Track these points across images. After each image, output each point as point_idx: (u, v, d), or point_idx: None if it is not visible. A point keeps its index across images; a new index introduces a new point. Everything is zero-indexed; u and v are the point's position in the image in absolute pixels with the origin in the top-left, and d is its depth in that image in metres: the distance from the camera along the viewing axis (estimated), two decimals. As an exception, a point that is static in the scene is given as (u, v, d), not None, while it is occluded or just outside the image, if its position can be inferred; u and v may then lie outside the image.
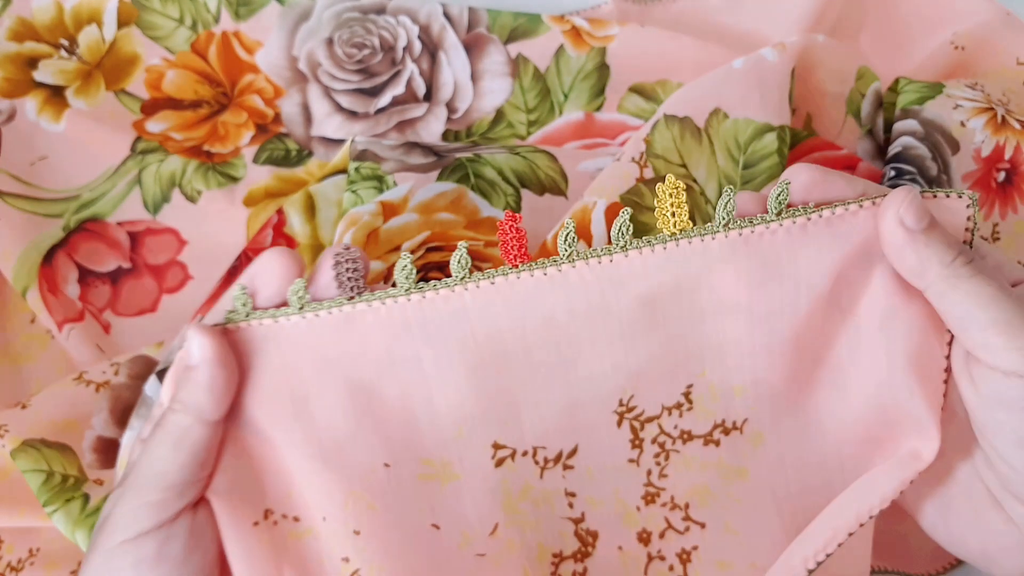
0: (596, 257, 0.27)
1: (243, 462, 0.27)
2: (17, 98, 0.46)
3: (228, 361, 0.26)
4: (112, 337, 0.44)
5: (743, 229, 0.27)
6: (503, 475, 0.29)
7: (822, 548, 0.27)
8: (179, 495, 0.26)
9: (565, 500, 0.30)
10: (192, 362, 0.26)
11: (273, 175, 0.47)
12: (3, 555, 0.38)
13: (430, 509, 0.29)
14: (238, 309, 0.27)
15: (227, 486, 0.27)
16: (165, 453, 0.26)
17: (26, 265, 0.43)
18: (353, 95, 0.47)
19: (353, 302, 0.27)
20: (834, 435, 0.29)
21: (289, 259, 0.27)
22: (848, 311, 0.28)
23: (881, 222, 0.27)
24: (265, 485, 0.28)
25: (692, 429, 0.30)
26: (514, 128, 0.47)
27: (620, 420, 0.29)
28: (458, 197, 0.40)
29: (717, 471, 0.30)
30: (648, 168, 0.39)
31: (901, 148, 0.40)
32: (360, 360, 0.27)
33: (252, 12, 0.48)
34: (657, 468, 0.30)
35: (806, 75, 0.43)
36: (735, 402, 0.29)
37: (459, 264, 0.27)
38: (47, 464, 0.36)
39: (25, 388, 0.43)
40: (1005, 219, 0.41)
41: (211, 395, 0.26)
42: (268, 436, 0.28)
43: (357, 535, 0.27)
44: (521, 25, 0.47)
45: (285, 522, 0.28)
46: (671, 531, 0.31)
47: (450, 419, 0.29)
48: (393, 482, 0.29)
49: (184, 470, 0.26)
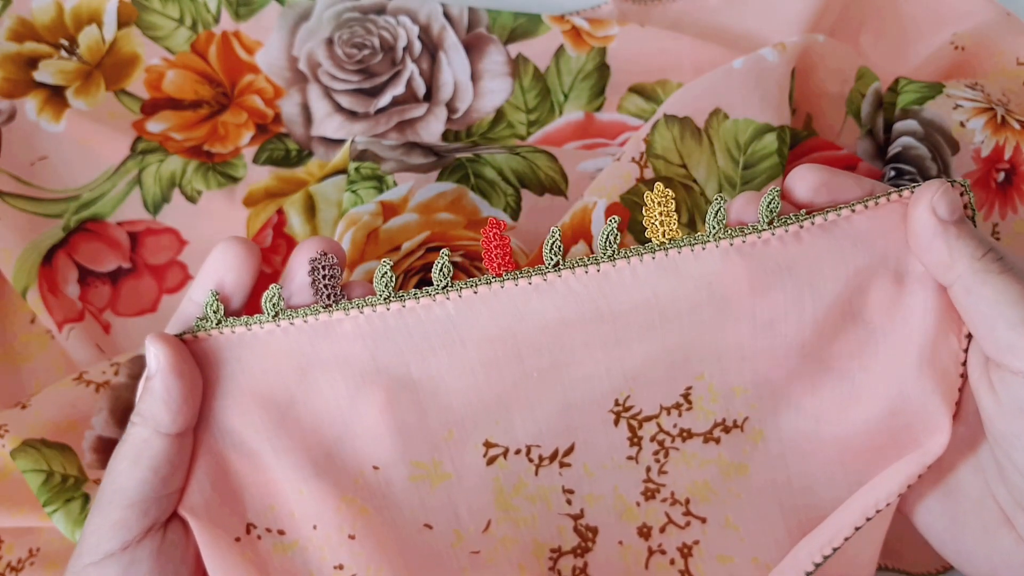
0: (583, 266, 0.26)
1: (219, 476, 0.27)
2: (17, 98, 0.46)
3: (186, 371, 0.25)
4: (112, 337, 0.44)
5: (734, 239, 0.27)
6: (495, 472, 0.29)
7: (827, 542, 0.27)
8: (142, 513, 0.24)
9: (563, 497, 0.30)
10: (149, 372, 0.25)
11: (273, 175, 0.47)
12: (3, 555, 0.38)
13: (422, 509, 0.29)
14: (208, 316, 0.26)
15: (203, 501, 0.26)
16: (124, 468, 0.25)
17: (26, 265, 0.43)
18: (353, 95, 0.47)
19: (330, 310, 0.26)
20: (839, 434, 0.29)
21: (241, 250, 0.26)
22: (858, 313, 0.28)
23: (912, 211, 0.26)
24: (245, 499, 0.27)
25: (692, 428, 0.30)
26: (514, 128, 0.47)
27: (617, 419, 0.29)
28: (458, 197, 0.40)
29: (717, 467, 0.30)
30: (648, 168, 0.39)
31: (901, 148, 0.40)
32: (343, 367, 0.27)
33: (252, 12, 0.48)
34: (656, 465, 0.30)
35: (806, 75, 0.43)
36: (735, 402, 0.29)
37: (440, 273, 0.26)
38: (47, 464, 0.36)
39: (25, 388, 0.42)
40: (1005, 219, 0.41)
41: (167, 407, 0.25)
42: (248, 447, 0.27)
43: (352, 539, 0.27)
44: (521, 25, 0.47)
45: (269, 536, 0.27)
46: (672, 526, 0.31)
47: (439, 422, 0.28)
48: (384, 485, 0.28)
49: (144, 486, 0.24)
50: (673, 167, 0.39)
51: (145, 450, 0.25)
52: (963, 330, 0.27)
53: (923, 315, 0.27)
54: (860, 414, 0.29)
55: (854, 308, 0.28)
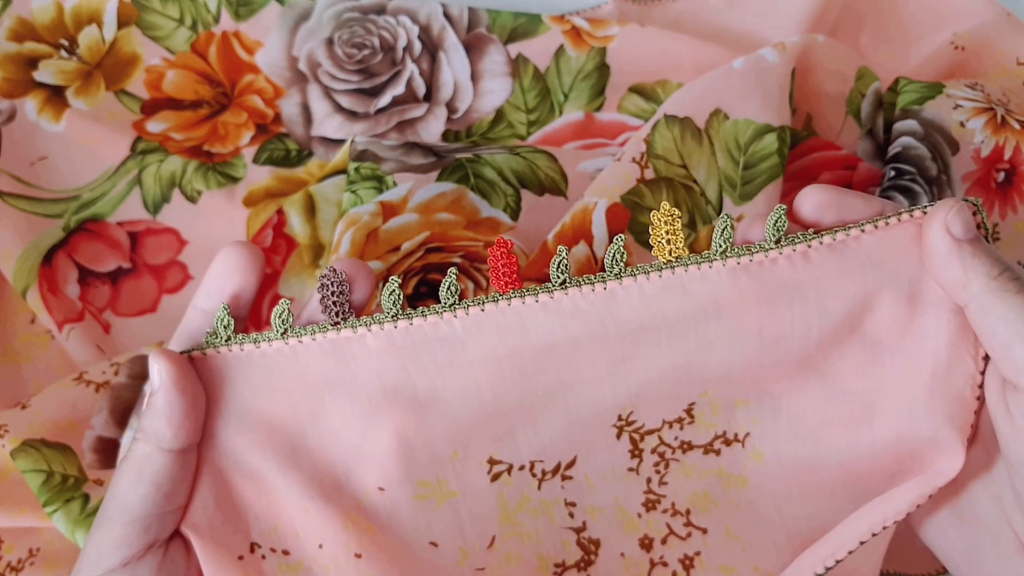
0: (590, 284, 0.26)
1: (223, 494, 0.27)
2: (17, 98, 0.46)
3: (189, 387, 0.25)
4: (112, 337, 0.44)
5: (741, 258, 0.26)
6: (499, 488, 0.29)
7: (831, 555, 0.27)
8: (144, 530, 0.24)
9: (565, 510, 0.30)
10: (152, 388, 0.25)
11: (273, 175, 0.47)
12: (3, 555, 0.38)
13: (427, 528, 0.29)
14: (219, 331, 0.26)
15: (206, 519, 0.26)
16: (127, 484, 0.24)
17: (26, 265, 0.43)
18: (353, 95, 0.47)
19: (338, 328, 0.26)
20: (842, 457, 0.29)
21: (245, 256, 0.26)
22: (867, 333, 0.27)
23: (927, 230, 0.26)
24: (249, 518, 0.27)
25: (692, 440, 0.30)
26: (514, 128, 0.47)
27: (619, 433, 0.29)
28: (458, 197, 0.40)
29: (717, 478, 0.30)
30: (649, 169, 0.39)
31: (901, 148, 0.40)
32: (350, 386, 0.27)
33: (252, 12, 0.48)
34: (657, 476, 0.30)
35: (806, 75, 0.43)
36: (737, 414, 0.29)
37: (448, 291, 0.26)
38: (47, 464, 0.36)
39: (25, 388, 0.42)
40: (1005, 219, 0.41)
41: (168, 422, 0.24)
42: (253, 466, 0.27)
43: (359, 558, 0.27)
44: (521, 25, 0.47)
45: (274, 556, 0.27)
46: (673, 537, 0.31)
47: (445, 441, 0.28)
48: (389, 505, 0.28)
49: (146, 502, 0.24)
50: (673, 167, 0.39)
51: (147, 466, 0.25)
52: (980, 352, 0.27)
53: (936, 337, 0.27)
54: (866, 436, 0.28)
55: (863, 328, 0.27)
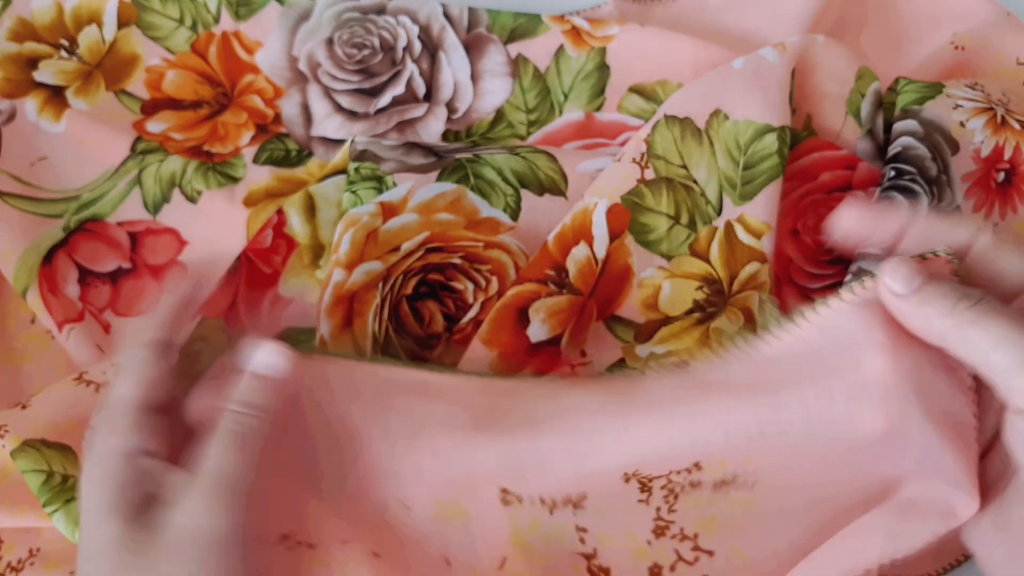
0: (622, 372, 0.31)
1: (263, 484, 0.28)
2: (17, 98, 0.46)
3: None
4: (112, 337, 0.44)
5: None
6: (512, 512, 0.30)
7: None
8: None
9: (576, 535, 0.31)
10: (275, 373, 0.29)
11: (273, 175, 0.47)
12: (3, 555, 0.38)
13: (443, 544, 0.30)
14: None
15: (255, 503, 0.28)
16: (236, 456, 0.27)
17: (26, 265, 0.43)
18: (353, 95, 0.47)
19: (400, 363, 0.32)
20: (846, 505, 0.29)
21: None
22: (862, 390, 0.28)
23: (883, 299, 0.27)
24: (282, 509, 0.29)
25: (702, 481, 0.31)
26: (514, 128, 0.47)
27: (627, 479, 0.30)
28: (458, 197, 0.40)
29: (726, 505, 0.31)
30: (649, 169, 0.39)
31: (901, 148, 0.40)
32: (397, 418, 0.30)
33: (252, 12, 0.48)
34: (666, 505, 0.31)
35: (806, 75, 0.43)
36: (745, 467, 0.30)
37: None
38: (47, 464, 0.36)
39: (25, 388, 0.42)
40: (1005, 219, 0.41)
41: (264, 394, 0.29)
42: (297, 464, 0.29)
43: (377, 557, 0.29)
44: (521, 25, 0.47)
45: (300, 548, 0.29)
46: (681, 563, 0.31)
47: (462, 470, 0.30)
48: (409, 519, 0.30)
49: (252, 470, 0.27)
50: (673, 167, 0.39)
51: (258, 439, 0.28)
52: (967, 377, 0.27)
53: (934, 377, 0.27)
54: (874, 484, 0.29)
55: (859, 385, 0.28)
